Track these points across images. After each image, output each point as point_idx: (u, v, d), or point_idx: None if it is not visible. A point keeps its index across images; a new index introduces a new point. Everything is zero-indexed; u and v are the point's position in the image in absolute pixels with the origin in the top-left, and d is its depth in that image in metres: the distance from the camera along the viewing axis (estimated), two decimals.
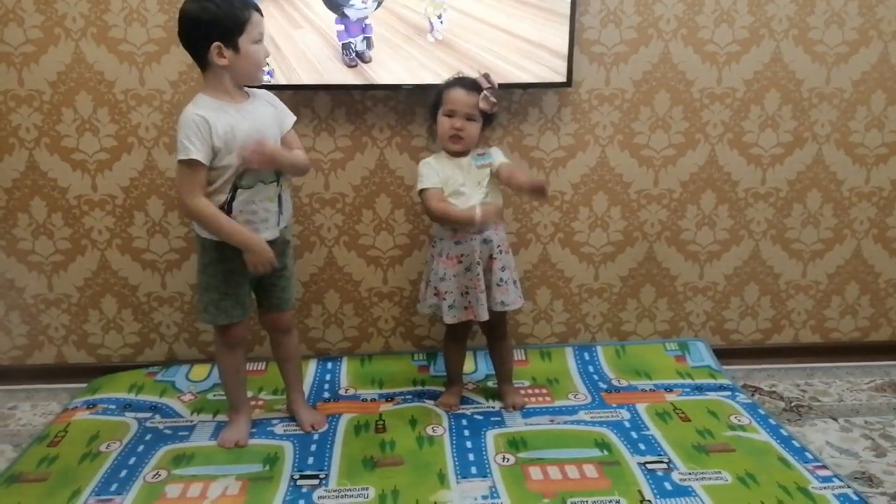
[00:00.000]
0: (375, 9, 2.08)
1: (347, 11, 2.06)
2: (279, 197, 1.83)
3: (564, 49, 2.13)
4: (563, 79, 2.17)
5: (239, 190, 1.74)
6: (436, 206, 1.91)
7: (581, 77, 2.25)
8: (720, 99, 2.31)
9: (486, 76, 1.93)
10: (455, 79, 1.98)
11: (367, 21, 2.09)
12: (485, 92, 1.89)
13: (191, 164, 1.67)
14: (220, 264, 1.79)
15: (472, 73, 2.00)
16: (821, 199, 2.43)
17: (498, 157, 1.99)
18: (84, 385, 2.28)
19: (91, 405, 2.13)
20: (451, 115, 1.93)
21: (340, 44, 2.10)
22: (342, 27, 2.09)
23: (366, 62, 2.12)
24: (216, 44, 1.66)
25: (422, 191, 1.94)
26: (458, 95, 1.92)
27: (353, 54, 2.10)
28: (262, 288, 1.91)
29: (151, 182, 2.25)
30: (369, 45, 2.11)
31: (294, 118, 1.90)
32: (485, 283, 1.96)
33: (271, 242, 1.82)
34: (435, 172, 1.94)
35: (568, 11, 2.10)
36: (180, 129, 1.68)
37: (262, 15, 1.72)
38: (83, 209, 2.26)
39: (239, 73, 1.73)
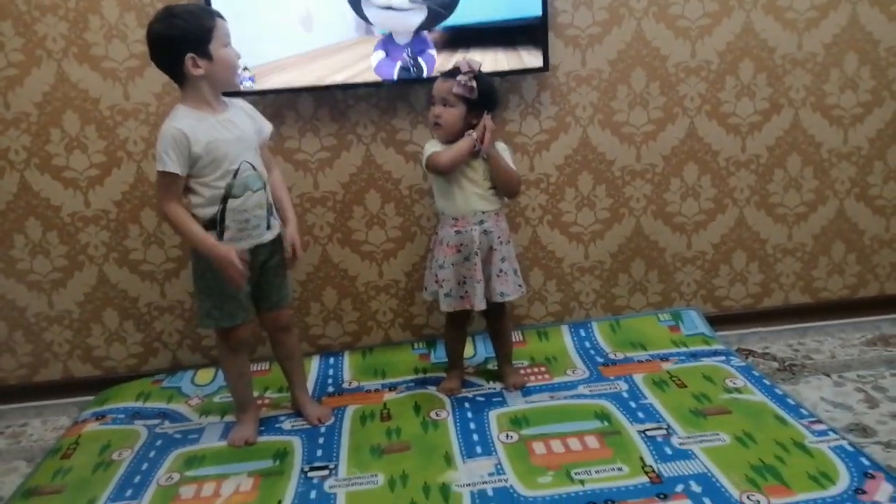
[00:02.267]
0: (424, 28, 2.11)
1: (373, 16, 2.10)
2: (268, 203, 1.87)
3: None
4: (539, 63, 2.21)
5: (229, 201, 1.78)
6: (437, 155, 1.93)
7: (557, 61, 2.29)
8: (695, 72, 2.36)
9: (467, 61, 1.93)
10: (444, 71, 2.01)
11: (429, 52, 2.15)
12: (459, 76, 1.91)
13: (167, 175, 1.72)
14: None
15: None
16: (801, 162, 2.47)
17: (505, 155, 2.01)
18: (92, 397, 2.32)
19: (100, 416, 2.17)
20: (432, 103, 1.97)
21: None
22: (382, 54, 2.15)
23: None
24: (189, 55, 1.70)
25: (428, 158, 1.96)
26: (436, 83, 1.96)
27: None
28: (260, 287, 1.94)
29: (143, 194, 2.29)
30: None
31: (271, 127, 1.94)
32: (485, 273, 2.00)
33: (265, 244, 1.87)
34: (438, 147, 1.97)
35: None
36: (159, 141, 1.72)
37: (224, 20, 1.76)
38: (77, 226, 2.30)
39: (215, 79, 1.76)
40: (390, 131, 2.32)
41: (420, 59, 2.17)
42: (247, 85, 2.11)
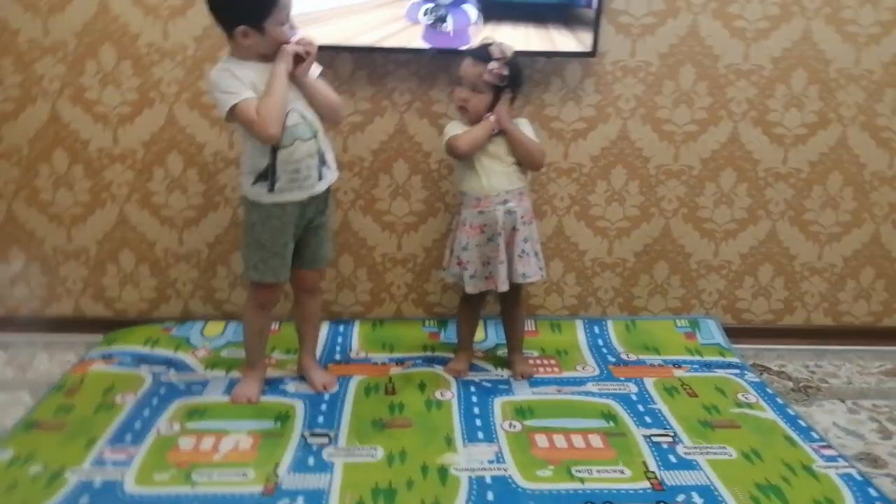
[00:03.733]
0: None
1: None
2: (319, 152, 1.83)
3: (590, 18, 2.11)
4: (588, 48, 2.15)
5: (279, 151, 1.75)
6: (456, 140, 1.91)
7: (606, 47, 2.22)
8: (746, 76, 2.28)
9: (500, 46, 1.88)
10: (473, 48, 1.96)
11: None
12: (491, 64, 1.86)
13: (245, 103, 1.67)
14: (269, 221, 1.82)
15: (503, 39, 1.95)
16: (842, 182, 2.40)
17: (526, 129, 1.98)
18: (100, 337, 2.32)
19: (107, 357, 2.17)
20: (459, 83, 1.92)
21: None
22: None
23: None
24: (241, 27, 1.67)
25: (447, 142, 1.94)
26: (465, 65, 1.91)
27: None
28: (296, 244, 1.91)
29: (172, 138, 2.26)
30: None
31: (319, 69, 1.87)
32: (508, 254, 1.97)
33: (317, 198, 1.85)
34: (460, 129, 1.95)
35: None
36: (213, 88, 1.71)
37: None
38: (103, 162, 2.28)
39: (262, 50, 1.73)
40: (427, 102, 2.27)
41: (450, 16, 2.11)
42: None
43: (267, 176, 1.77)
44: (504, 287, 1.96)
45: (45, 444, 1.73)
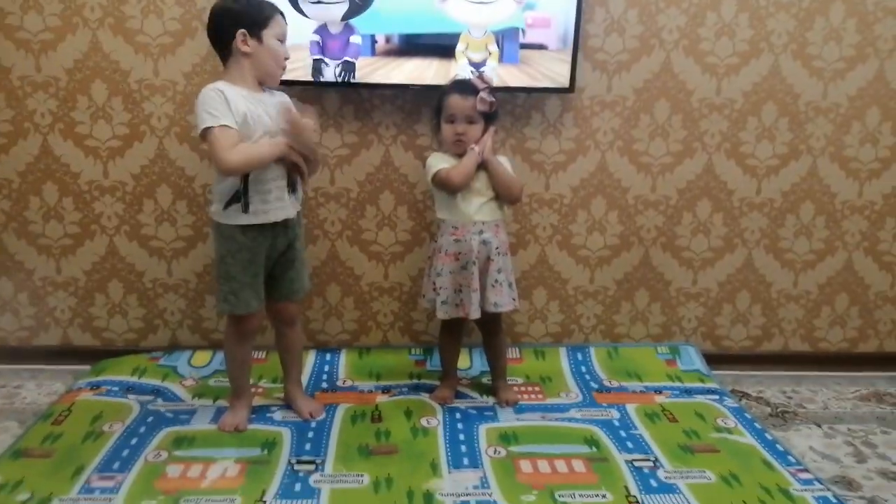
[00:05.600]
0: (347, 18, 2.13)
1: (308, 11, 2.11)
2: (288, 175, 1.87)
3: (568, 55, 2.19)
4: (566, 84, 2.22)
5: (250, 173, 1.79)
6: (448, 173, 1.96)
7: (584, 83, 2.30)
8: (719, 109, 2.37)
9: (481, 76, 1.99)
10: (452, 83, 2.03)
11: (353, 39, 2.14)
12: (481, 94, 1.95)
13: (221, 130, 1.70)
14: (240, 253, 1.84)
15: (470, 75, 2.05)
16: (814, 210, 2.48)
17: (506, 166, 2.04)
18: (88, 367, 2.33)
19: (95, 386, 2.18)
20: (451, 120, 1.98)
21: (311, 59, 2.15)
22: (318, 38, 2.15)
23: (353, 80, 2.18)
24: (241, 31, 1.76)
25: (436, 174, 1.99)
26: (455, 101, 1.97)
27: (339, 72, 2.17)
28: (272, 277, 1.95)
29: (162, 171, 2.31)
30: (350, 71, 2.17)
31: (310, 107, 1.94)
32: (481, 283, 2.01)
33: (284, 224, 1.88)
34: (444, 161, 2.00)
35: (573, 19, 2.16)
36: (199, 104, 1.72)
37: (286, 21, 1.84)
38: (94, 195, 2.32)
39: (259, 64, 1.80)
40: (411, 135, 2.34)
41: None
42: None
43: (239, 198, 1.80)
44: (475, 314, 2.00)
45: (32, 471, 1.74)
